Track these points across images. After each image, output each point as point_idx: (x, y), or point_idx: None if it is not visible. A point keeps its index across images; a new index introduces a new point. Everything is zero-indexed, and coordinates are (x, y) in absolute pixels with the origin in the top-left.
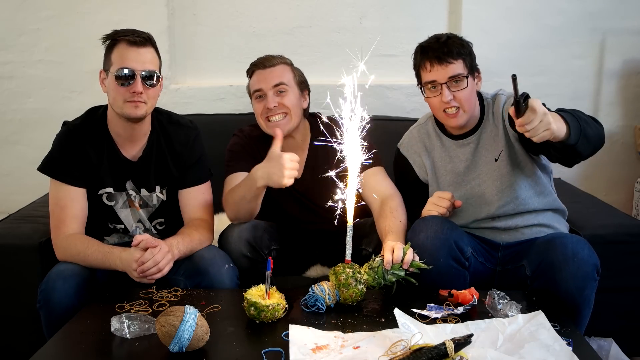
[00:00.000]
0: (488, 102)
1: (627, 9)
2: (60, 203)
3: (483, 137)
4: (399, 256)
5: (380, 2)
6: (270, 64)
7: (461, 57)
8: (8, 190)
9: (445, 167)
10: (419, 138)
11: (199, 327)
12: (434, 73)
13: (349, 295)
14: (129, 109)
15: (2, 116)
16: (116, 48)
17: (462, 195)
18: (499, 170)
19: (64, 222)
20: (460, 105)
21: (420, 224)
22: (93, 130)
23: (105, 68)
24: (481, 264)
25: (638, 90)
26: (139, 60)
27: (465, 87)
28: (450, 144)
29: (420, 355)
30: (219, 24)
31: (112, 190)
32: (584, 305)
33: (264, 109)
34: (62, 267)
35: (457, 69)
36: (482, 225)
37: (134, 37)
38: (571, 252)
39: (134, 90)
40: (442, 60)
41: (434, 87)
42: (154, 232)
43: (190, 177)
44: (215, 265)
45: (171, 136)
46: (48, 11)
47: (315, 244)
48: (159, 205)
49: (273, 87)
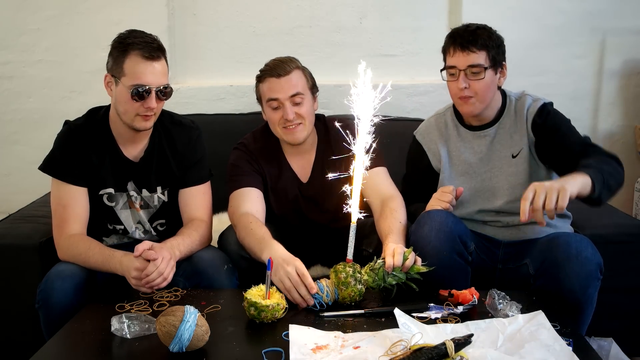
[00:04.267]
0: (511, 99)
1: (627, 9)
2: (62, 202)
3: (500, 132)
4: (399, 261)
5: (380, 2)
6: (285, 72)
7: (485, 49)
8: (8, 190)
9: (459, 157)
10: (437, 126)
11: (199, 327)
12: (455, 59)
13: (347, 294)
14: (139, 123)
15: (2, 116)
16: (128, 58)
17: (473, 187)
18: (515, 166)
19: (67, 222)
20: (475, 95)
21: (425, 217)
22: (95, 130)
23: (113, 74)
24: (483, 261)
25: (638, 90)
26: (154, 74)
27: (482, 79)
28: (466, 134)
29: (420, 355)
30: (219, 24)
31: (112, 190)
32: (586, 304)
33: (281, 119)
34: (62, 267)
35: (477, 59)
36: (486, 218)
37: (148, 50)
38: (575, 250)
39: (148, 105)
40: (464, 48)
41: (453, 73)
42: (154, 234)
43: (191, 176)
44: (214, 266)
45: (173, 136)
46: (48, 11)
47: (315, 244)
48: (160, 206)
49: (290, 98)
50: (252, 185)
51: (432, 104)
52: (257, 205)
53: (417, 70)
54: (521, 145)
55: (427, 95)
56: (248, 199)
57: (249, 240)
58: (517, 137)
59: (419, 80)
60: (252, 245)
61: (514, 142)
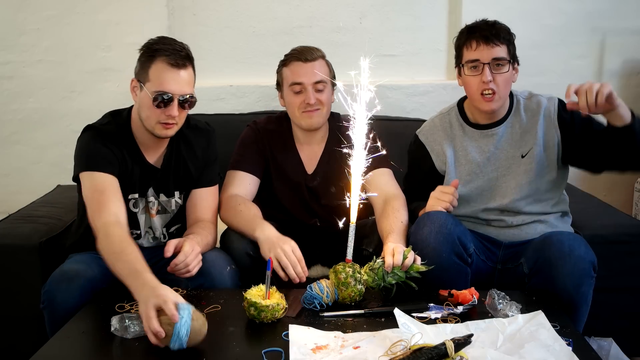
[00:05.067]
0: (518, 98)
1: (627, 9)
2: (98, 188)
3: (508, 130)
4: (399, 260)
5: (380, 2)
6: (312, 57)
7: (506, 43)
8: (8, 190)
9: (465, 156)
10: (442, 127)
11: (195, 321)
12: (478, 52)
13: (347, 295)
14: (160, 130)
15: (2, 116)
16: (154, 64)
17: (479, 186)
18: (524, 166)
19: (105, 205)
20: (497, 89)
21: (425, 219)
22: (121, 134)
23: (139, 79)
24: (482, 262)
25: (638, 90)
26: (179, 82)
27: (506, 72)
28: (473, 133)
29: (420, 355)
30: (219, 24)
31: (137, 196)
32: (581, 302)
33: (302, 103)
34: (66, 267)
35: (501, 52)
36: (490, 217)
37: (175, 57)
38: (568, 249)
39: (169, 113)
40: (489, 41)
41: (475, 67)
42: (163, 241)
43: (204, 178)
44: (218, 267)
45: (192, 141)
46: (48, 11)
47: (316, 244)
48: (177, 211)
49: (313, 84)
50: (250, 170)
51: (432, 104)
52: (247, 191)
53: (417, 70)
54: (531, 145)
55: (427, 95)
56: (241, 184)
57: (238, 220)
58: (528, 137)
59: (419, 80)
60: (242, 225)
61: (524, 142)
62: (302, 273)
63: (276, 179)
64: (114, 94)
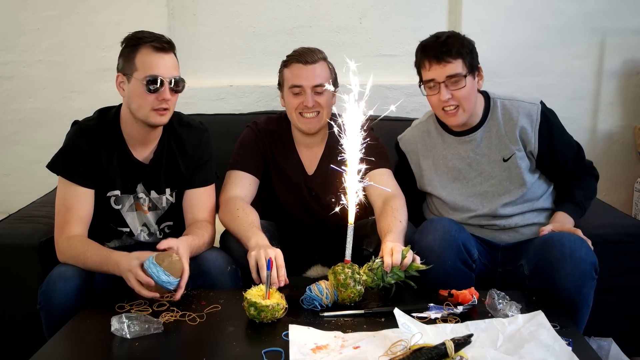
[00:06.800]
0: (495, 101)
1: (627, 9)
2: (67, 204)
3: (486, 135)
4: (397, 259)
5: (380, 2)
6: (312, 59)
7: (460, 57)
8: (8, 190)
9: (446, 164)
10: (420, 137)
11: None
12: (432, 72)
13: (347, 296)
14: (155, 118)
15: (2, 116)
16: (139, 53)
17: (464, 192)
18: (508, 170)
19: (68, 224)
20: (459, 103)
21: (428, 226)
22: (105, 131)
23: (125, 72)
24: (484, 265)
25: (638, 90)
26: (167, 66)
27: (464, 87)
28: (452, 140)
29: (420, 355)
30: (219, 24)
31: (119, 193)
32: (582, 304)
33: (300, 105)
34: (63, 268)
35: (455, 68)
36: (482, 223)
37: (159, 42)
38: (569, 250)
39: (162, 97)
40: (440, 60)
41: (433, 86)
42: (159, 236)
43: (198, 178)
44: (218, 267)
45: (183, 138)
46: (48, 11)
47: (315, 244)
48: (168, 208)
49: (313, 87)
50: (250, 171)
51: None
52: (246, 192)
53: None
54: (513, 149)
55: None
56: (241, 184)
57: (236, 226)
58: (507, 140)
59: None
60: (238, 231)
61: (503, 145)
62: (279, 277)
63: (276, 180)
64: (114, 94)
